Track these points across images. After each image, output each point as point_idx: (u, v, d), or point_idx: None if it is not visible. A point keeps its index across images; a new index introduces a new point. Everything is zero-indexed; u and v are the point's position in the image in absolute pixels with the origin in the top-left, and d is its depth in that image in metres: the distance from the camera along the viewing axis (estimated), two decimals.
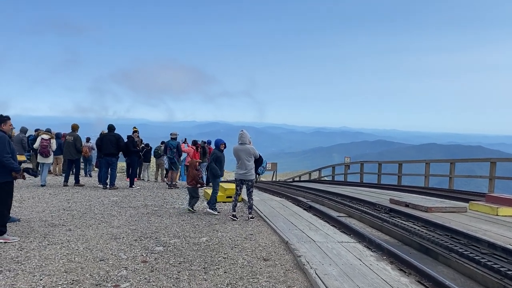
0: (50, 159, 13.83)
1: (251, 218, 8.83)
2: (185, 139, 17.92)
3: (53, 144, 13.56)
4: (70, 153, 13.93)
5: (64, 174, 16.47)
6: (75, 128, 14.37)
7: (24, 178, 6.74)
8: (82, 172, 18.25)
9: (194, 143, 15.76)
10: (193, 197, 9.85)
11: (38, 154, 13.59)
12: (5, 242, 6.21)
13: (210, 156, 9.90)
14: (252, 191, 8.99)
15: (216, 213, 9.44)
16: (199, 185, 9.92)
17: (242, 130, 9.04)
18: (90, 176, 18.70)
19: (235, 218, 8.75)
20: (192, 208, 9.79)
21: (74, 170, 14.34)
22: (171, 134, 15.35)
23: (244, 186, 8.98)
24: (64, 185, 13.79)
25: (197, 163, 10.89)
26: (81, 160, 16.94)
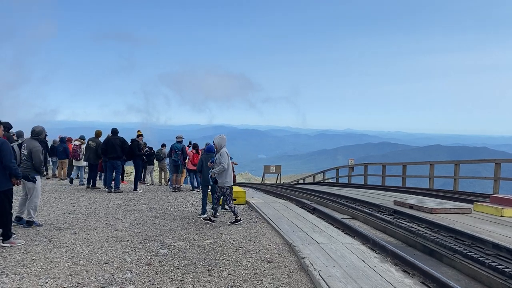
0: (82, 162, 15.58)
1: (233, 222, 8.65)
2: (190, 142, 17.95)
3: (83, 149, 14.92)
4: (90, 157, 14.27)
5: (68, 178, 16.60)
6: (98, 134, 14.61)
7: (18, 184, 6.77)
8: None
9: (194, 146, 15.73)
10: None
11: (72, 158, 15.80)
12: (11, 246, 6.26)
13: (200, 162, 9.86)
14: (228, 199, 8.76)
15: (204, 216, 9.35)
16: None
17: (220, 135, 8.88)
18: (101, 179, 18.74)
19: (210, 221, 8.63)
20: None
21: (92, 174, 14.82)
22: (176, 137, 15.39)
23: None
24: (93, 188, 14.36)
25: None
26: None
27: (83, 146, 14.98)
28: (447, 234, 7.21)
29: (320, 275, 4.93)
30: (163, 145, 18.10)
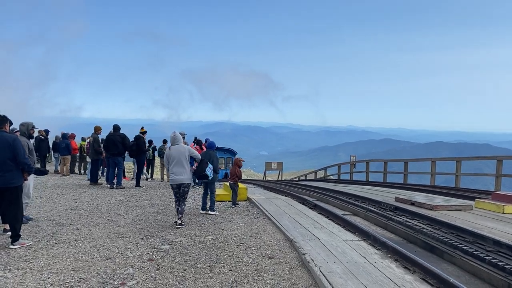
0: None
1: (180, 224, 7.88)
2: (195, 138, 17.94)
3: None
4: (91, 153, 14.35)
5: (70, 174, 16.69)
6: (96, 129, 14.58)
7: (26, 179, 6.76)
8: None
9: (198, 142, 15.67)
10: (235, 192, 10.70)
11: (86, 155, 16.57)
12: (20, 247, 6.14)
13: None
14: (186, 197, 8.28)
15: (216, 213, 9.40)
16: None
17: (173, 132, 8.46)
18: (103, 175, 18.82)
19: (180, 226, 7.87)
20: (234, 204, 10.59)
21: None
22: (179, 133, 15.42)
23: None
24: (93, 183, 14.36)
25: (241, 161, 11.29)
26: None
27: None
28: (448, 231, 7.21)
29: (320, 271, 4.95)
30: (165, 141, 18.11)
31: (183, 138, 15.11)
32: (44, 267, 5.22)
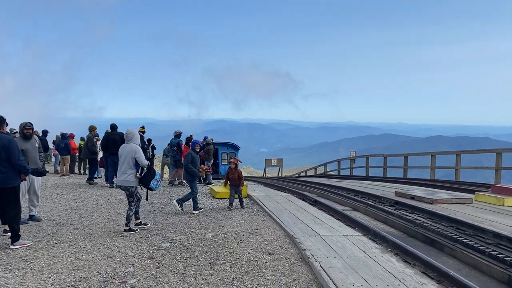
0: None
1: (125, 231, 7.18)
2: (191, 135, 17.85)
3: (99, 145, 15.16)
4: (85, 153, 14.34)
5: (70, 175, 16.70)
6: (91, 129, 14.59)
7: (24, 179, 6.75)
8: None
9: (188, 140, 15.23)
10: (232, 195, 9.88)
11: None
12: (21, 247, 6.12)
13: (185, 157, 9.60)
14: (132, 201, 7.33)
15: (197, 212, 9.20)
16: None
17: (128, 128, 7.72)
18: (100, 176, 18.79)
19: (131, 230, 7.23)
20: (242, 205, 9.97)
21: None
22: (175, 131, 15.34)
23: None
24: (91, 183, 14.27)
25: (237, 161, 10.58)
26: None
27: (98, 143, 15.18)
28: (448, 224, 7.22)
29: (321, 266, 4.95)
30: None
31: (179, 136, 15.03)
32: (44, 267, 5.22)
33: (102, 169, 16.15)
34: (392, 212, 8.41)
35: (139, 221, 7.60)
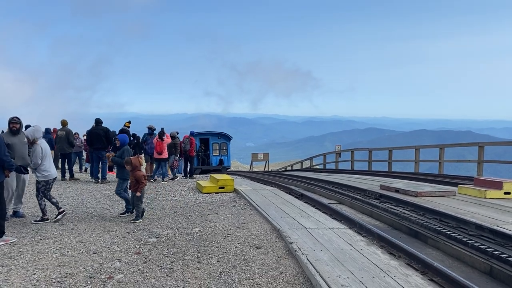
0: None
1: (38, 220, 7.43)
2: (177, 132, 17.72)
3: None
4: (63, 147, 13.99)
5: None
6: (64, 123, 14.41)
7: (8, 176, 6.62)
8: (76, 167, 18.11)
9: (160, 134, 14.84)
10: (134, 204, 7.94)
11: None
12: (4, 244, 6.00)
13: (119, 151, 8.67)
14: (38, 194, 7.53)
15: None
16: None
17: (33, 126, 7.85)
18: (86, 171, 18.53)
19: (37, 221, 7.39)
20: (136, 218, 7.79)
21: (67, 165, 14.45)
22: (147, 126, 15.38)
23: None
24: (62, 180, 13.88)
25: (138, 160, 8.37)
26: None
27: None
28: (432, 217, 7.34)
29: (307, 259, 5.00)
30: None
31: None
32: (29, 264, 5.16)
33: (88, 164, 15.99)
34: (377, 205, 8.51)
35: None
